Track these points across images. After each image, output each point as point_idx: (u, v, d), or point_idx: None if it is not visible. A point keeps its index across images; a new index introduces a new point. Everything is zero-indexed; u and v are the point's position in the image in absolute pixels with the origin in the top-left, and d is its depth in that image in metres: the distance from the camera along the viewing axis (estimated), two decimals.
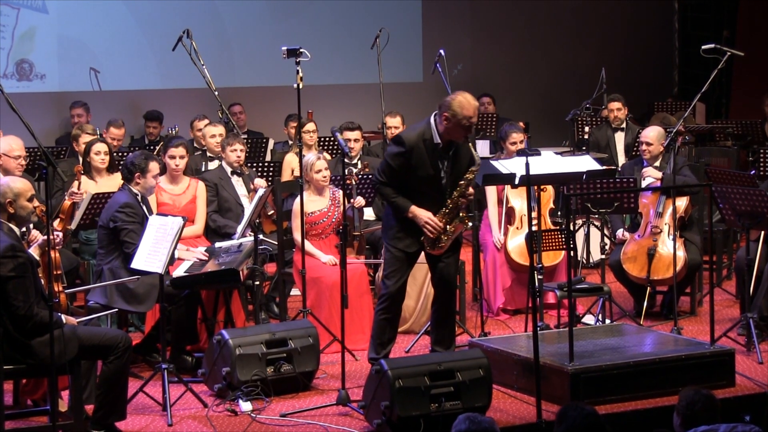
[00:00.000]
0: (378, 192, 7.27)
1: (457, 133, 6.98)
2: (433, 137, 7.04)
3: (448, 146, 7.07)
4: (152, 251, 6.90)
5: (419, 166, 7.03)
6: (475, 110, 6.97)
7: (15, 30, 12.39)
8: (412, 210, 7.06)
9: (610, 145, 11.47)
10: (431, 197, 7.09)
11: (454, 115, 6.93)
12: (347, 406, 6.77)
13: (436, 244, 7.11)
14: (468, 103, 6.93)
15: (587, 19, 15.08)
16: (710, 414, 5.06)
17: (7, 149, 8.24)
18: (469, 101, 6.94)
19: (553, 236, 8.14)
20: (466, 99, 6.95)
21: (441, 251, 7.16)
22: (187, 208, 8.57)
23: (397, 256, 7.17)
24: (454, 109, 6.92)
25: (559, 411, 4.97)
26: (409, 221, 7.09)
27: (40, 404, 6.77)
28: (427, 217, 7.05)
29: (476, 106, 6.99)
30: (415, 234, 7.12)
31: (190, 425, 6.65)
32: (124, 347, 6.29)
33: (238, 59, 13.35)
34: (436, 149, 7.04)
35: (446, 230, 7.09)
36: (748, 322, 7.77)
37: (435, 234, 7.07)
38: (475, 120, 6.97)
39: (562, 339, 7.20)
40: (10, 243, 6.02)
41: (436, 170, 7.07)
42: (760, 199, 7.75)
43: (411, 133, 7.12)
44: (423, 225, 7.06)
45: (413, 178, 7.07)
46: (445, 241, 7.11)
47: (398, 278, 7.18)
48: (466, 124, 6.94)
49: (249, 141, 11.06)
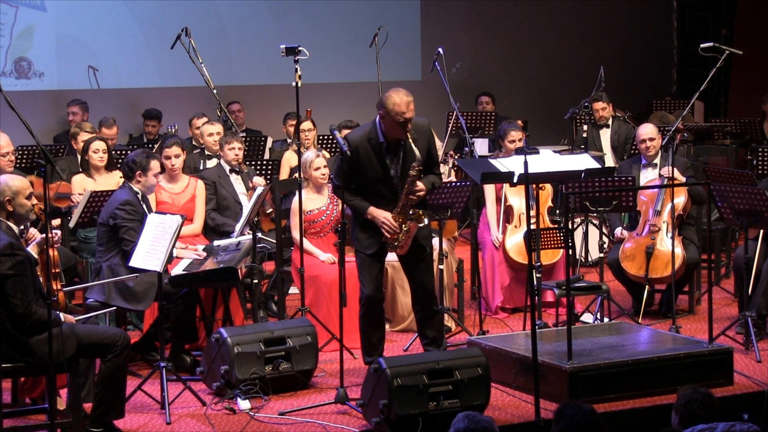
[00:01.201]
0: (336, 195, 7.36)
1: (395, 129, 7.04)
2: (378, 136, 7.10)
3: (396, 145, 7.11)
4: (150, 249, 6.90)
5: (367, 166, 7.09)
6: (408, 105, 6.99)
7: (13, 28, 12.38)
8: (369, 211, 7.11)
9: (595, 142, 11.50)
10: (385, 197, 7.14)
11: (388, 113, 7.00)
12: (346, 404, 6.77)
13: (396, 245, 7.14)
14: (400, 99, 6.98)
15: (586, 18, 15.08)
16: (708, 412, 5.06)
17: None
18: (401, 98, 6.99)
19: (551, 235, 8.15)
20: (398, 95, 7.00)
21: (403, 251, 7.18)
22: (186, 206, 8.56)
23: (363, 258, 7.23)
24: (387, 106, 7.00)
25: (557, 409, 4.97)
26: (369, 222, 7.14)
27: (38, 402, 6.77)
28: (384, 217, 7.09)
29: (408, 101, 7.01)
30: (375, 235, 7.16)
31: (189, 423, 6.65)
32: (123, 345, 6.29)
33: (236, 57, 13.34)
34: (381, 148, 7.09)
35: (402, 229, 7.11)
36: (747, 320, 7.78)
37: (392, 233, 7.10)
38: (409, 116, 6.99)
39: (561, 337, 7.21)
40: (9, 241, 6.01)
41: (385, 169, 7.11)
42: (758, 198, 7.75)
43: (356, 134, 7.22)
44: (380, 225, 7.10)
45: (365, 179, 7.12)
46: (403, 241, 7.13)
47: (370, 280, 7.22)
48: (400, 120, 6.98)
49: (247, 139, 11.06)
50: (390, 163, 7.13)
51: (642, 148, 9.02)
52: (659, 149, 8.95)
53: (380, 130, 7.11)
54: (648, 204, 8.79)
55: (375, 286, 7.25)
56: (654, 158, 8.96)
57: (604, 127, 11.53)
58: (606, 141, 11.50)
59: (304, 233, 8.24)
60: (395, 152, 7.13)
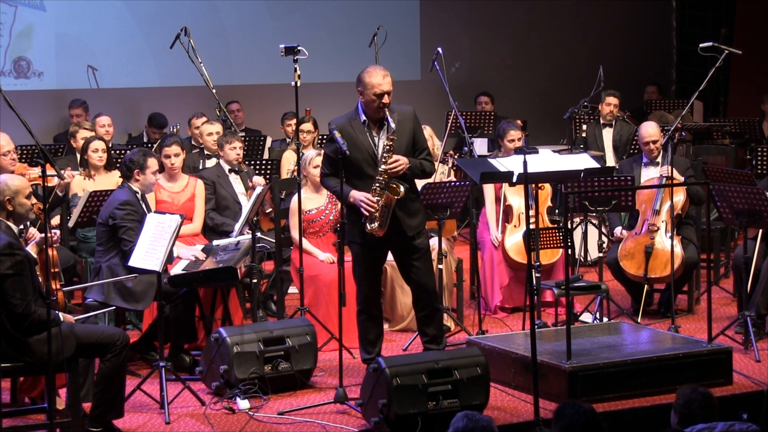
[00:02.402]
0: (323, 184, 7.36)
1: (374, 103, 7.04)
2: (359, 117, 7.12)
3: (380, 126, 7.12)
4: (150, 249, 6.90)
5: (351, 147, 7.03)
6: (384, 77, 7.01)
7: (12, 27, 12.37)
8: (351, 194, 7.07)
9: (597, 141, 11.48)
10: (369, 176, 7.10)
11: (365, 86, 7.02)
12: (345, 404, 6.77)
13: (373, 222, 7.05)
14: (375, 71, 7.03)
15: (585, 18, 15.08)
16: (708, 412, 5.06)
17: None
18: (376, 70, 7.04)
19: (550, 234, 8.15)
20: (374, 69, 7.06)
21: (382, 231, 7.06)
22: (186, 206, 8.56)
23: (359, 252, 7.20)
24: (363, 80, 7.03)
25: (557, 409, 4.97)
26: (356, 211, 7.10)
27: (37, 402, 6.78)
28: (363, 195, 7.04)
29: (384, 74, 7.03)
30: (360, 221, 7.12)
31: (188, 423, 6.65)
32: (122, 345, 6.29)
33: (235, 57, 13.33)
34: (363, 127, 7.10)
35: (379, 204, 7.05)
36: (746, 320, 7.78)
37: (370, 211, 7.02)
38: (385, 88, 7.00)
39: (560, 337, 7.20)
40: (8, 241, 6.01)
41: (369, 147, 7.10)
42: (757, 198, 7.75)
43: (340, 119, 7.22)
44: (359, 204, 7.04)
45: (350, 162, 7.07)
46: (381, 217, 7.04)
47: (366, 276, 7.20)
48: (377, 92, 6.99)
49: (247, 139, 11.05)
50: (374, 144, 7.11)
51: (645, 150, 8.99)
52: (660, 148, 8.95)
53: (361, 110, 7.12)
54: (647, 203, 8.79)
55: (370, 284, 7.22)
56: (656, 157, 8.95)
57: (607, 126, 11.52)
58: (608, 140, 11.50)
59: (303, 233, 8.24)
60: (379, 132, 7.13)
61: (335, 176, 7.09)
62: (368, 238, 7.11)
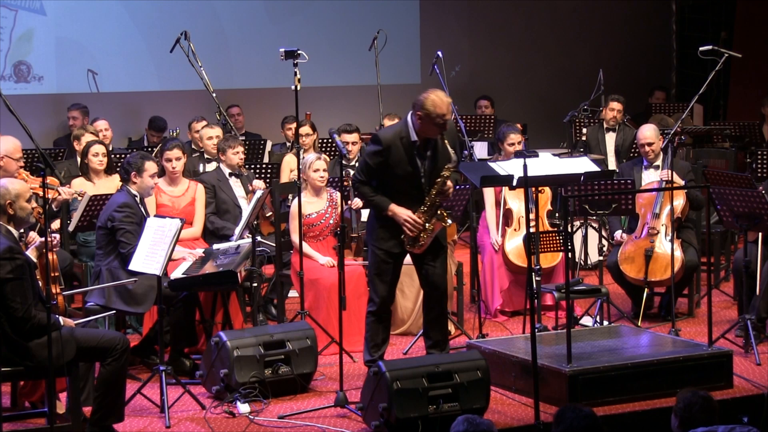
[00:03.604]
0: (357, 191, 7.32)
1: (431, 130, 7.03)
2: (410, 135, 7.08)
3: (425, 144, 7.11)
4: (150, 253, 6.90)
5: (397, 164, 7.06)
6: (448, 107, 7.01)
7: (12, 32, 12.38)
8: (391, 208, 7.08)
9: (600, 145, 11.48)
10: (411, 195, 7.12)
11: (428, 114, 6.97)
12: (345, 407, 6.77)
13: (416, 243, 7.11)
14: (441, 101, 6.98)
15: (585, 21, 15.08)
16: (708, 415, 5.06)
17: (10, 151, 8.11)
18: (441, 99, 6.99)
19: (550, 238, 8.14)
20: (438, 97, 6.99)
21: (421, 250, 7.15)
22: (186, 209, 8.57)
23: (383, 258, 7.19)
24: (427, 108, 6.97)
25: (557, 413, 4.97)
26: (391, 221, 7.11)
27: (37, 406, 6.76)
28: (407, 214, 7.06)
29: (449, 103, 7.03)
30: (397, 234, 7.13)
31: (188, 427, 6.65)
32: (122, 349, 6.29)
33: (235, 61, 13.34)
34: (413, 147, 7.08)
35: (425, 228, 7.10)
36: (746, 323, 7.77)
37: (414, 232, 7.07)
38: (448, 117, 7.02)
39: (560, 340, 7.20)
40: (8, 245, 6.01)
41: (414, 168, 7.09)
42: (757, 201, 7.75)
43: (388, 132, 7.18)
44: (402, 223, 7.07)
45: (392, 177, 7.09)
46: (425, 239, 7.10)
47: (385, 280, 7.19)
48: (439, 122, 6.98)
49: (247, 143, 11.06)
50: (420, 163, 7.11)
51: (642, 153, 9.02)
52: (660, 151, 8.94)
53: (413, 129, 7.08)
54: (646, 207, 8.78)
55: (388, 291, 7.22)
56: (655, 160, 8.95)
57: (611, 130, 11.51)
58: (611, 144, 11.49)
59: (303, 237, 8.24)
60: (425, 151, 7.12)
61: (369, 185, 7.10)
62: (394, 247, 7.14)
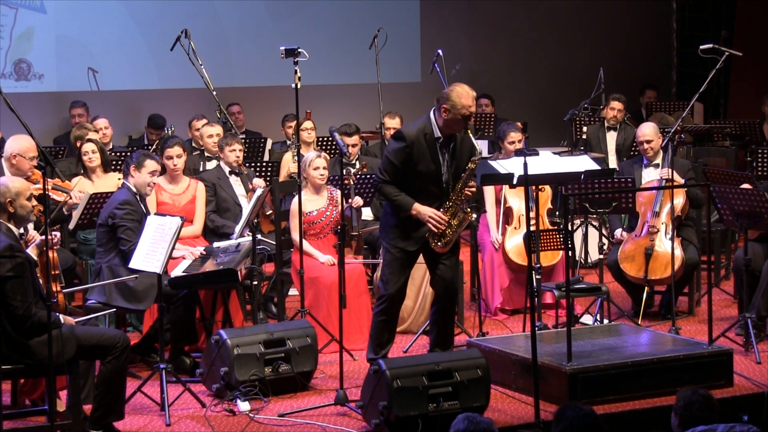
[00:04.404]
0: (379, 191, 7.22)
1: (457, 124, 7.01)
2: (434, 132, 7.06)
3: (448, 140, 7.09)
4: (150, 251, 6.90)
5: (420, 160, 7.04)
6: (473, 100, 7.01)
7: (13, 30, 12.38)
8: (415, 207, 7.04)
9: (601, 144, 11.48)
10: (432, 193, 7.09)
11: (454, 106, 6.96)
12: (345, 406, 6.77)
13: (442, 239, 7.10)
14: (466, 93, 6.98)
15: (585, 19, 15.07)
16: (708, 414, 5.06)
17: (23, 150, 8.07)
18: (467, 91, 6.99)
19: (551, 236, 8.14)
20: (463, 89, 7.00)
21: (447, 248, 7.12)
22: (187, 207, 8.56)
23: (398, 256, 7.14)
24: (452, 99, 6.95)
25: (557, 411, 4.97)
26: (410, 220, 7.07)
27: (38, 404, 6.77)
28: (432, 211, 7.04)
29: (474, 96, 7.03)
30: (415, 232, 7.10)
31: (189, 425, 6.65)
32: (123, 347, 6.29)
33: (236, 59, 13.34)
34: (436, 144, 7.06)
35: (450, 224, 7.08)
36: (747, 322, 7.77)
37: (440, 229, 7.06)
38: (473, 109, 7.02)
39: (560, 339, 7.20)
40: (9, 243, 6.02)
41: (437, 165, 7.07)
42: (758, 200, 7.75)
43: (411, 128, 7.14)
44: (427, 220, 7.03)
45: (414, 174, 7.06)
46: (451, 235, 7.09)
47: (398, 279, 7.16)
48: (465, 113, 6.97)
49: (247, 141, 11.06)
50: (442, 160, 7.10)
51: (641, 150, 9.03)
52: (659, 149, 8.94)
53: (435, 125, 7.06)
54: (647, 205, 8.78)
55: (399, 288, 7.18)
56: (654, 158, 8.95)
57: (612, 129, 11.51)
58: (612, 143, 11.49)
59: (304, 235, 8.23)
60: (447, 148, 7.11)
61: (393, 184, 7.05)
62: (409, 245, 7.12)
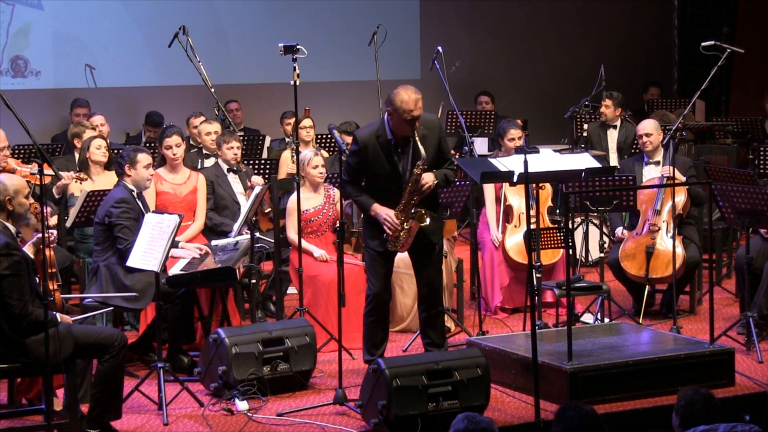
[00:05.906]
0: (342, 190, 7.32)
1: (403, 127, 7.01)
2: (386, 134, 7.08)
3: (405, 142, 7.09)
4: (148, 249, 6.88)
5: (376, 163, 7.07)
6: (416, 103, 6.96)
7: (10, 26, 12.33)
8: (373, 208, 7.09)
9: (601, 142, 11.45)
10: (393, 193, 7.11)
11: (396, 110, 6.97)
12: (344, 405, 6.75)
13: (396, 243, 7.10)
14: (408, 96, 6.96)
15: (586, 16, 15.05)
16: (709, 413, 5.04)
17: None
18: (409, 95, 6.97)
19: (551, 234, 8.12)
20: (406, 93, 6.98)
21: (403, 249, 7.15)
22: (188, 198, 8.54)
23: (373, 255, 7.20)
24: (395, 104, 6.97)
25: (558, 410, 4.95)
26: (376, 220, 7.11)
27: (35, 403, 6.76)
28: (386, 214, 7.05)
29: (416, 99, 6.98)
30: (381, 233, 7.13)
31: (186, 424, 6.62)
32: (120, 346, 6.27)
33: (234, 56, 13.30)
34: (389, 145, 7.07)
35: (403, 227, 7.06)
36: (748, 320, 7.74)
37: (393, 232, 7.05)
38: (416, 113, 6.96)
39: (561, 338, 7.18)
40: (5, 241, 6.00)
41: (393, 166, 7.08)
42: (760, 197, 7.72)
43: (365, 131, 7.19)
44: (382, 222, 7.06)
45: (373, 176, 7.12)
46: (404, 239, 7.09)
47: (377, 278, 7.18)
48: (407, 117, 6.96)
49: (245, 138, 11.03)
50: (398, 161, 7.10)
51: (639, 144, 9.01)
52: (659, 146, 8.91)
53: (388, 128, 7.08)
54: (647, 203, 8.75)
55: (383, 285, 7.21)
56: (653, 154, 8.92)
57: (611, 127, 11.49)
58: (613, 141, 11.46)
59: (301, 233, 8.20)
60: (404, 149, 7.11)
61: (353, 185, 7.12)
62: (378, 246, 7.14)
